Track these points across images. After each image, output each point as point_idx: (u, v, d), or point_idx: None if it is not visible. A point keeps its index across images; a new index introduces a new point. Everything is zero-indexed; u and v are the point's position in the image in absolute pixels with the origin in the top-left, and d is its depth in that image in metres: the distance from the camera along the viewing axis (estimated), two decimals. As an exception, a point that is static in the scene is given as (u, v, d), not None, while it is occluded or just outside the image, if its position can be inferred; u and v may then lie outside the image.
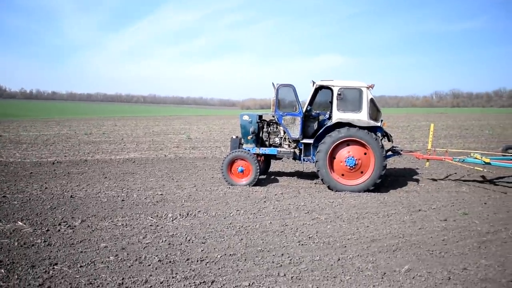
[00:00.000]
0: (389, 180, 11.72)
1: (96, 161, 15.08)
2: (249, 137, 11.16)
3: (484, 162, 10.73)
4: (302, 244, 6.59)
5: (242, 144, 11.43)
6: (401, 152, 11.77)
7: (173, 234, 6.96)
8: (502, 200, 9.68)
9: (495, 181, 11.91)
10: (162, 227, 7.33)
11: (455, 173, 13.06)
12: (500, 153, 14.72)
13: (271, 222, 7.69)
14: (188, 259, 5.90)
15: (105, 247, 6.30)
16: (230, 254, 6.11)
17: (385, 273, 5.52)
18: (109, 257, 5.88)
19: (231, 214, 8.17)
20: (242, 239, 6.77)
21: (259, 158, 11.24)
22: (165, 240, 6.65)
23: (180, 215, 8.06)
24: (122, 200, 9.16)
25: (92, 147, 19.34)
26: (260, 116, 11.52)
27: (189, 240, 6.68)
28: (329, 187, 10.35)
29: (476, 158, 10.95)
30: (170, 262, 5.80)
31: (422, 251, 6.37)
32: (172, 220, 7.76)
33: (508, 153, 14.56)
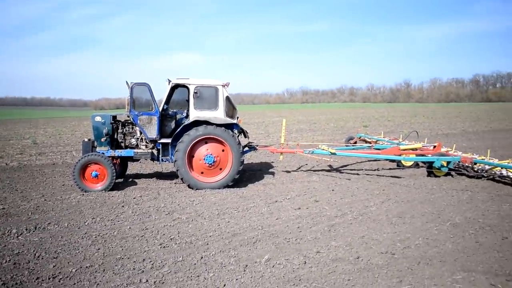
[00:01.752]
0: (247, 175, 12.11)
1: None
2: (102, 139, 10.53)
3: (331, 152, 11.72)
4: (164, 247, 6.43)
5: (96, 147, 10.74)
6: (257, 148, 12.24)
7: (18, 252, 6.22)
8: (347, 186, 10.64)
9: (340, 169, 13.07)
10: (5, 246, 6.50)
11: (306, 164, 14.03)
12: (343, 144, 16.27)
13: (130, 227, 7.36)
14: (38, 278, 5.32)
15: None
16: (87, 267, 5.68)
17: (247, 265, 5.65)
18: None
19: (86, 223, 7.62)
20: (99, 249, 6.34)
21: (114, 161, 10.67)
22: (9, 260, 5.90)
23: (26, 229, 7.23)
24: (-47, 219, 7.93)
25: None
26: (114, 117, 10.95)
27: (38, 257, 6.03)
28: (189, 186, 10.29)
29: (324, 150, 11.89)
30: (16, 284, 5.17)
31: (280, 240, 6.68)
32: (17, 236, 6.93)
33: (350, 143, 16.19)
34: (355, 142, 16.46)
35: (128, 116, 10.70)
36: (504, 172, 10.96)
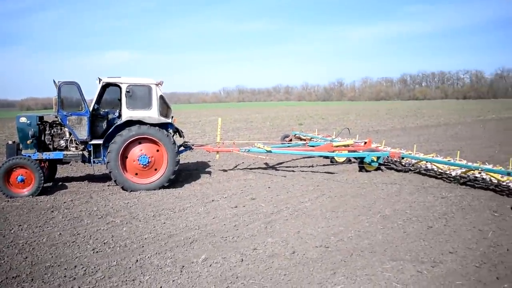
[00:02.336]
0: (183, 175, 11.98)
1: None
2: (28, 142, 9.96)
3: (266, 150, 11.86)
4: (97, 252, 6.21)
5: (21, 150, 10.15)
6: (192, 147, 12.14)
7: None
8: (282, 183, 10.82)
9: (276, 167, 13.27)
10: None
11: (243, 162, 14.11)
12: (279, 142, 16.53)
13: (60, 233, 7.03)
14: (-44, 291, 4.96)
15: None
16: (13, 277, 5.35)
17: (183, 266, 5.60)
18: None
19: (12, 231, 7.18)
20: (27, 257, 6.01)
21: (42, 164, 10.15)
22: None
23: None
24: None
25: None
26: (41, 117, 10.41)
27: (-44, 268, 5.62)
28: (123, 188, 10.00)
29: (260, 148, 12.01)
30: None
31: (217, 239, 6.67)
32: None
33: (286, 141, 16.47)
34: (291, 140, 16.78)
35: (56, 117, 10.21)
36: (429, 165, 11.65)
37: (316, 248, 6.20)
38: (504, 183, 9.41)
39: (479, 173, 10.11)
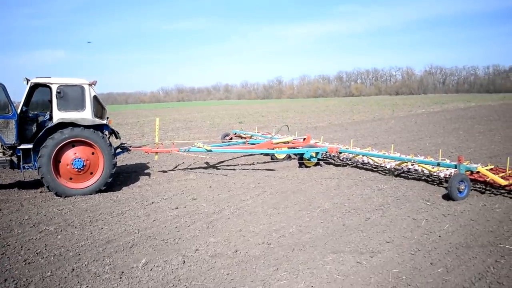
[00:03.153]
0: (122, 178, 11.61)
1: None
2: (-51, 149, 9.26)
3: (206, 150, 11.75)
4: (29, 263, 5.86)
5: None
6: (130, 148, 11.80)
7: None
8: (224, 181, 10.78)
9: (217, 166, 13.19)
10: None
11: (183, 162, 13.91)
12: (220, 141, 16.46)
13: (-13, 245, 6.58)
14: None
15: None
16: None
17: (123, 272, 5.41)
18: None
19: None
20: None
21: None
22: None
23: None
24: None
25: None
26: (-37, 123, 9.69)
27: None
28: (57, 194, 9.52)
29: (199, 147, 11.88)
30: None
31: (158, 242, 6.52)
32: None
33: (226, 139, 16.43)
34: (231, 139, 16.75)
35: (-21, 121, 9.54)
36: (365, 159, 12.05)
37: (259, 245, 6.22)
38: (435, 173, 9.91)
39: (412, 164, 10.57)
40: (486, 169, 9.30)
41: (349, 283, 4.95)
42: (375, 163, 11.65)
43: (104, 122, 10.23)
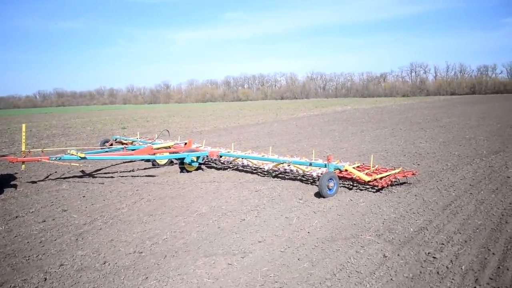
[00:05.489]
0: (-18, 191, 10.47)
1: None
2: None
3: (80, 157, 11.08)
4: None
5: None
6: (-8, 158, 10.71)
7: None
8: (99, 190, 10.25)
9: (94, 174, 12.52)
10: None
11: (56, 172, 12.96)
12: (99, 147, 15.70)
13: None
14: None
15: None
16: None
17: (-29, 297, 4.86)
18: None
19: None
20: None
21: None
22: None
23: None
24: None
25: None
26: None
27: None
28: None
29: (73, 154, 11.17)
30: None
31: (18, 260, 5.97)
32: None
33: (106, 146, 15.72)
34: (111, 145, 16.08)
35: None
36: (245, 162, 12.31)
37: (130, 254, 6.00)
38: (308, 173, 10.45)
39: (288, 165, 11.03)
40: (353, 167, 10.06)
41: (219, 286, 4.98)
42: (254, 165, 11.96)
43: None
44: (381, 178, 9.39)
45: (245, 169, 12.27)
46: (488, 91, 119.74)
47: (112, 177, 11.99)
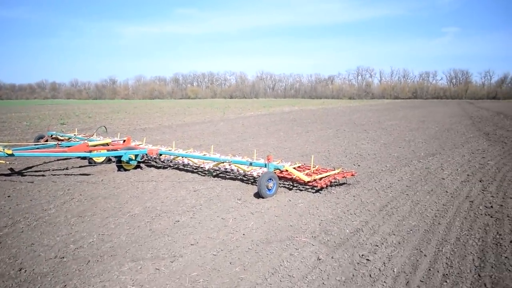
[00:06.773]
0: None
1: None
2: None
3: (7, 154, 10.35)
4: None
5: None
6: None
7: None
8: (27, 190, 9.60)
9: (23, 172, 11.75)
10: None
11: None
12: (31, 144, 14.83)
13: None
14: None
15: None
16: None
17: None
18: None
19: None
20: None
21: None
22: None
23: None
24: None
25: None
26: None
27: None
28: None
29: (-1, 151, 10.42)
30: None
31: None
32: None
33: (40, 142, 14.88)
34: (46, 141, 15.27)
35: None
36: (186, 160, 11.98)
37: (50, 260, 5.56)
38: (249, 173, 10.29)
39: (229, 165, 10.83)
40: (294, 167, 10.00)
41: (144, 293, 4.70)
42: (195, 164, 11.67)
43: None
44: (320, 179, 9.38)
45: (185, 168, 11.95)
46: (428, 96, 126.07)
47: (43, 175, 11.28)
